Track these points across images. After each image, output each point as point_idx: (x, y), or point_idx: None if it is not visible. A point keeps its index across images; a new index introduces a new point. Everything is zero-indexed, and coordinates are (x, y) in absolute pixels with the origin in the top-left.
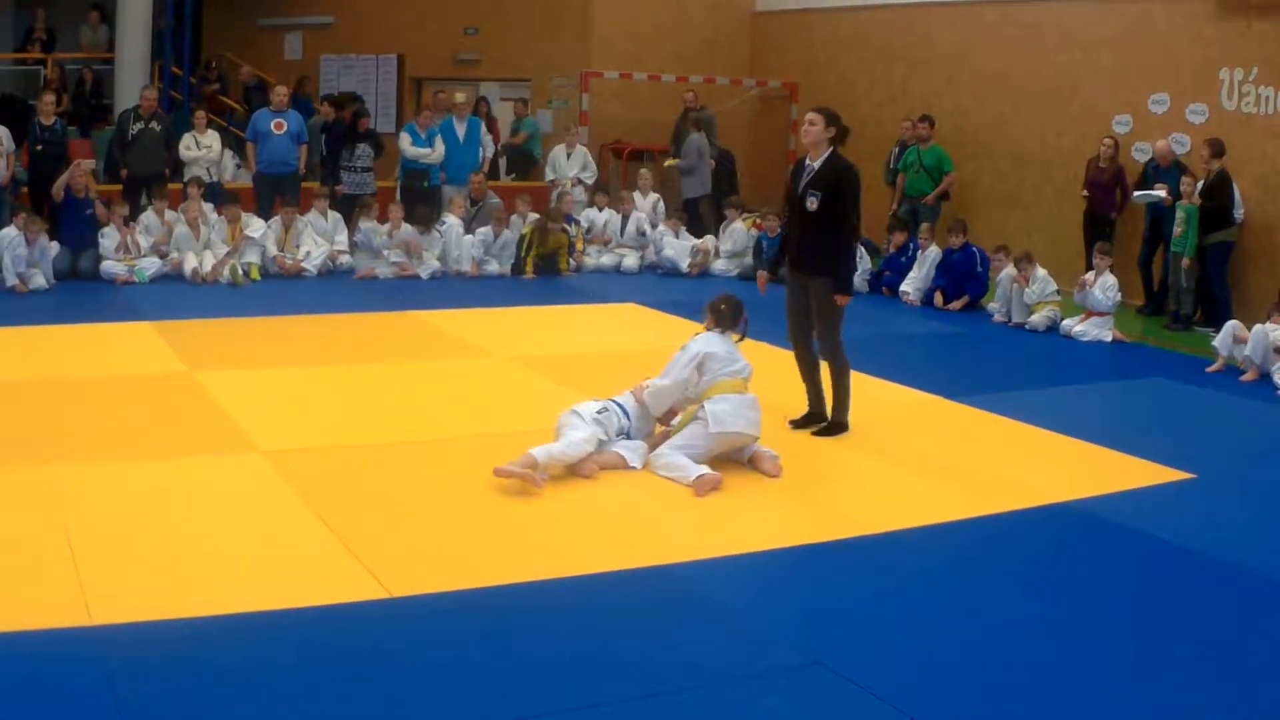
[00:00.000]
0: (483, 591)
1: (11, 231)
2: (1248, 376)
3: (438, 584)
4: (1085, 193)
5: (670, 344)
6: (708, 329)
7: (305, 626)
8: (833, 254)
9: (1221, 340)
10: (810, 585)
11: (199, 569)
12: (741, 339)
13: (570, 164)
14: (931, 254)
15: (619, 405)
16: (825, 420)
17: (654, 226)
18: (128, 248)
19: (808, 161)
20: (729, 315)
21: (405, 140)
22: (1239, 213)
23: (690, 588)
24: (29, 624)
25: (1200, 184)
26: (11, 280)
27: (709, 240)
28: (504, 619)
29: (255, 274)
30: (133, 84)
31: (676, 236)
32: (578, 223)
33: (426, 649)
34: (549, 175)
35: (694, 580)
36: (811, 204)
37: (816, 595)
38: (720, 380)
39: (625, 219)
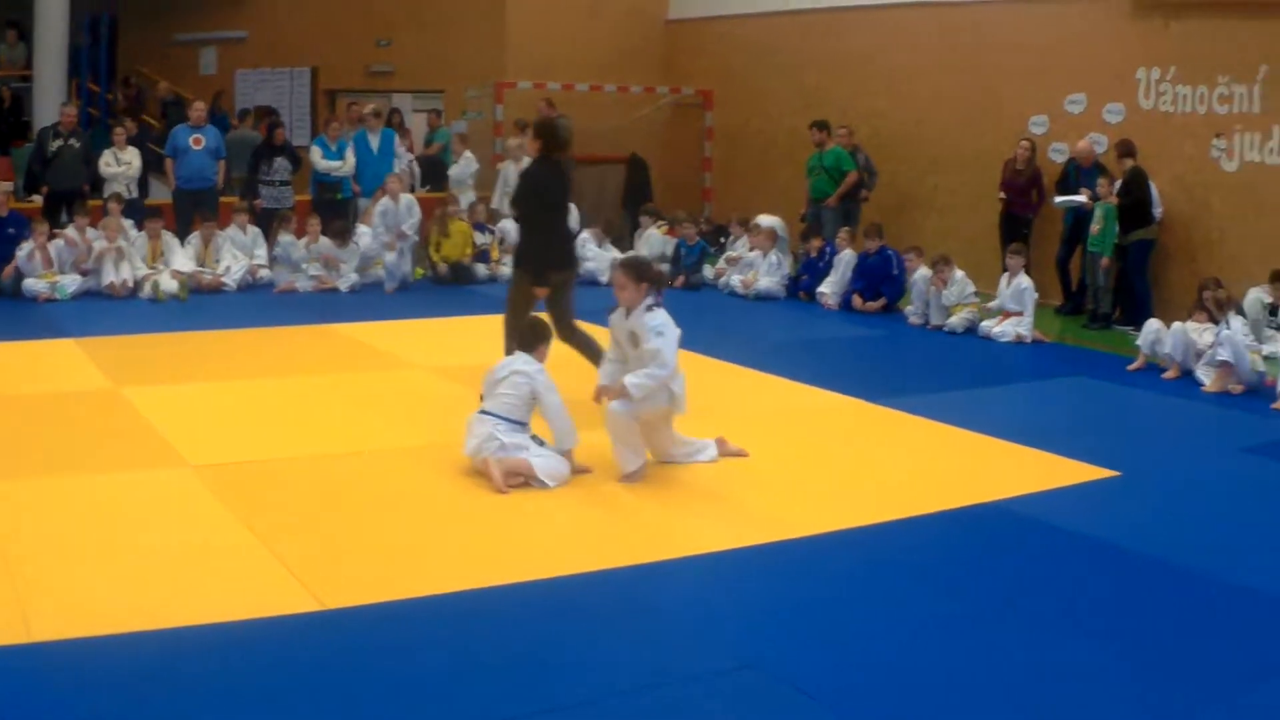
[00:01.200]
0: (415, 601)
1: None
2: (1169, 374)
3: (370, 595)
4: (1002, 194)
5: None
6: (650, 304)
7: (242, 639)
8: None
9: (1144, 338)
10: (743, 589)
11: (135, 584)
12: None
13: (464, 170)
14: (846, 257)
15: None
16: None
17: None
18: (50, 263)
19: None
20: (660, 278)
21: (316, 153)
22: (1158, 211)
23: (624, 593)
24: None
25: (1117, 184)
26: None
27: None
28: (437, 628)
29: (184, 295)
30: (51, 101)
31: (599, 247)
32: (492, 231)
33: (361, 659)
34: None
35: (628, 585)
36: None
37: (750, 599)
38: None
39: None
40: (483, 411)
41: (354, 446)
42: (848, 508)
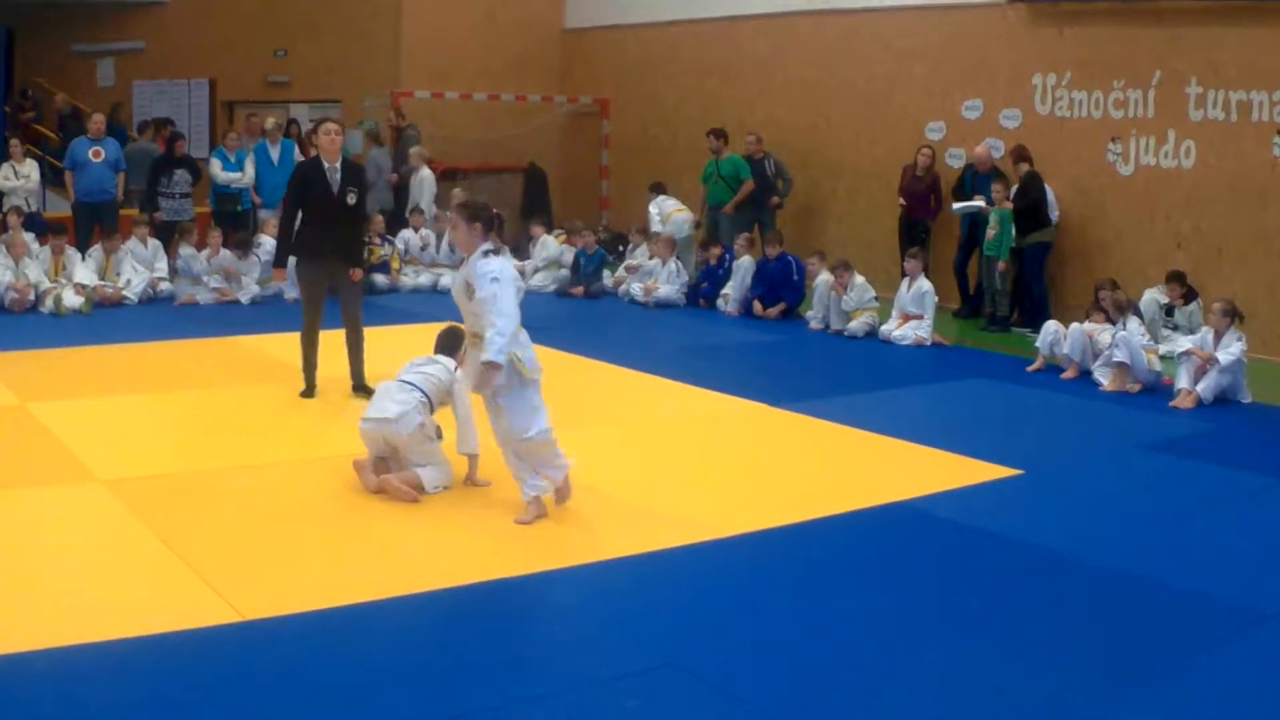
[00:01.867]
0: (334, 611)
1: None
2: (1068, 374)
3: (289, 605)
4: (901, 200)
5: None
6: (486, 249)
7: (161, 653)
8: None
9: (1043, 339)
10: (658, 591)
11: (49, 600)
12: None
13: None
14: (745, 263)
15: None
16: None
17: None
18: None
19: (328, 164)
20: (497, 219)
21: (215, 165)
22: (1055, 214)
23: (539, 598)
24: None
25: (1013, 189)
26: None
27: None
28: (356, 636)
29: (87, 309)
30: None
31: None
32: (392, 242)
33: (283, 670)
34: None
35: (542, 590)
36: (351, 199)
37: (665, 600)
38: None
39: (440, 237)
40: (404, 380)
41: (263, 459)
42: (758, 510)
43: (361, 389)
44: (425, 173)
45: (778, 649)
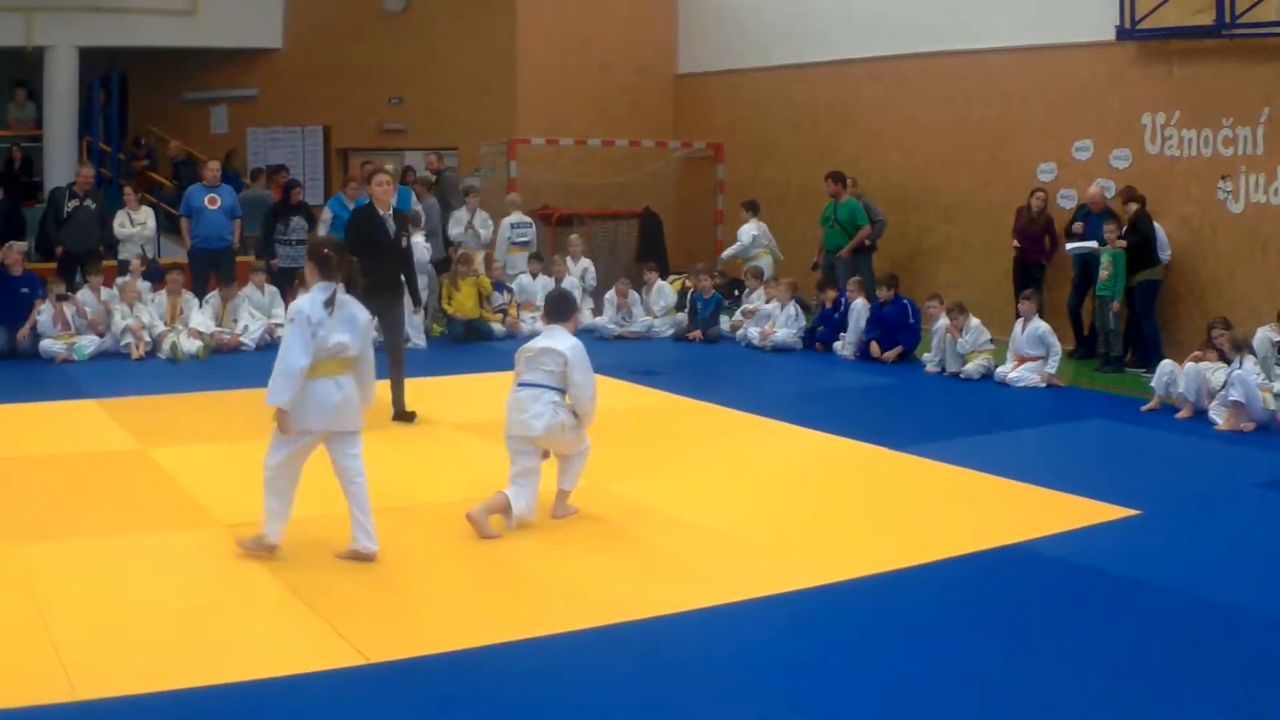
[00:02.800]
0: (463, 654)
1: None
2: (1182, 414)
3: (416, 648)
4: (1016, 243)
5: (613, 405)
6: (319, 288)
7: (288, 696)
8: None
9: (1158, 379)
10: (777, 634)
11: (177, 642)
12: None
13: (478, 222)
14: (859, 306)
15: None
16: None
17: (585, 292)
18: (67, 323)
19: (383, 211)
20: (334, 263)
21: (326, 213)
22: (1165, 254)
23: (661, 642)
24: (12, 701)
25: (1123, 228)
26: None
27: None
28: (487, 680)
29: (204, 355)
30: (61, 161)
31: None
32: (510, 290)
33: (412, 714)
34: (451, 231)
35: (664, 634)
36: (404, 242)
37: (785, 644)
38: (320, 357)
39: (558, 282)
40: (530, 385)
41: (382, 503)
42: (877, 553)
43: (401, 416)
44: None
45: (900, 692)
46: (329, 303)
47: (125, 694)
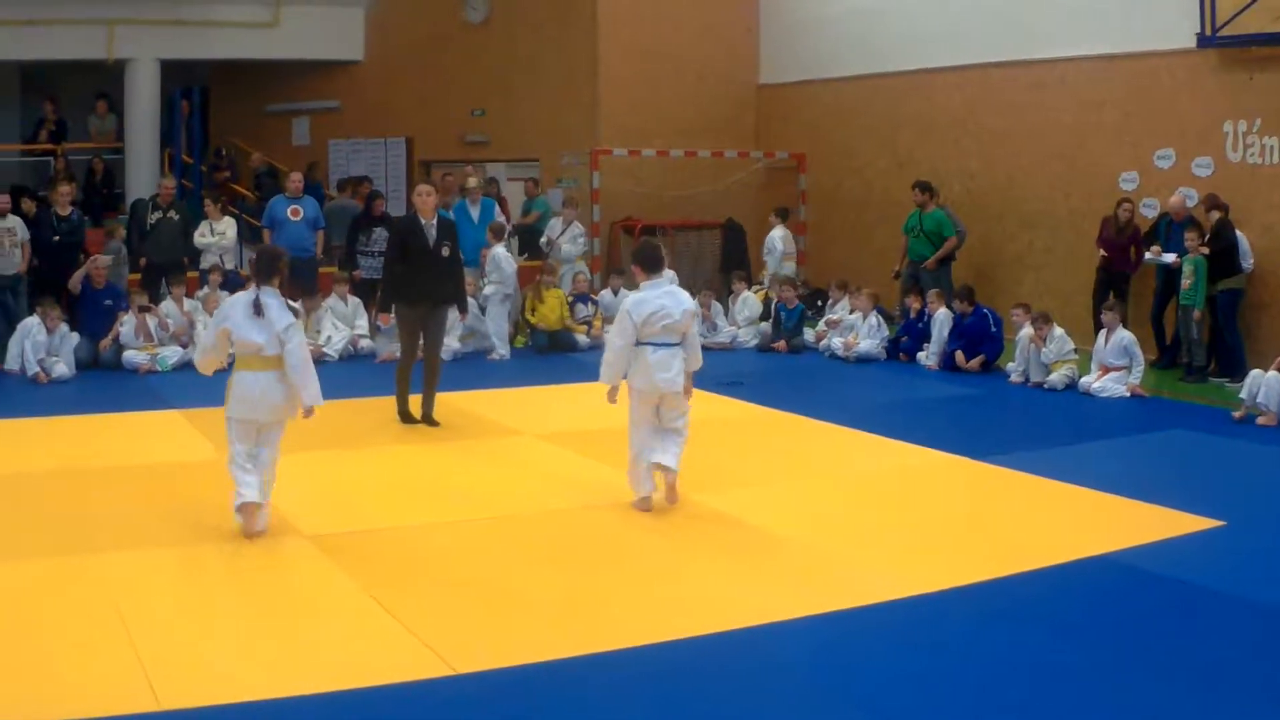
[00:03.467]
0: (549, 665)
1: (33, 320)
2: (1263, 421)
3: (502, 659)
4: (1104, 252)
5: (698, 416)
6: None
7: (375, 706)
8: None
9: (1247, 388)
10: (865, 646)
11: (260, 652)
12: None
13: (565, 238)
14: (941, 317)
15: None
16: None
17: None
18: (149, 334)
19: (425, 222)
20: (263, 267)
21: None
22: (1248, 262)
23: (749, 653)
24: (97, 711)
25: (1206, 236)
26: (33, 369)
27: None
28: (571, 691)
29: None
30: (143, 173)
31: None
32: (595, 302)
33: None
34: (543, 240)
35: (751, 645)
36: (445, 251)
37: (873, 655)
38: (241, 354)
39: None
40: (664, 344)
41: (467, 514)
42: (962, 564)
43: (428, 420)
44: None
45: (985, 704)
46: (254, 304)
47: (209, 704)
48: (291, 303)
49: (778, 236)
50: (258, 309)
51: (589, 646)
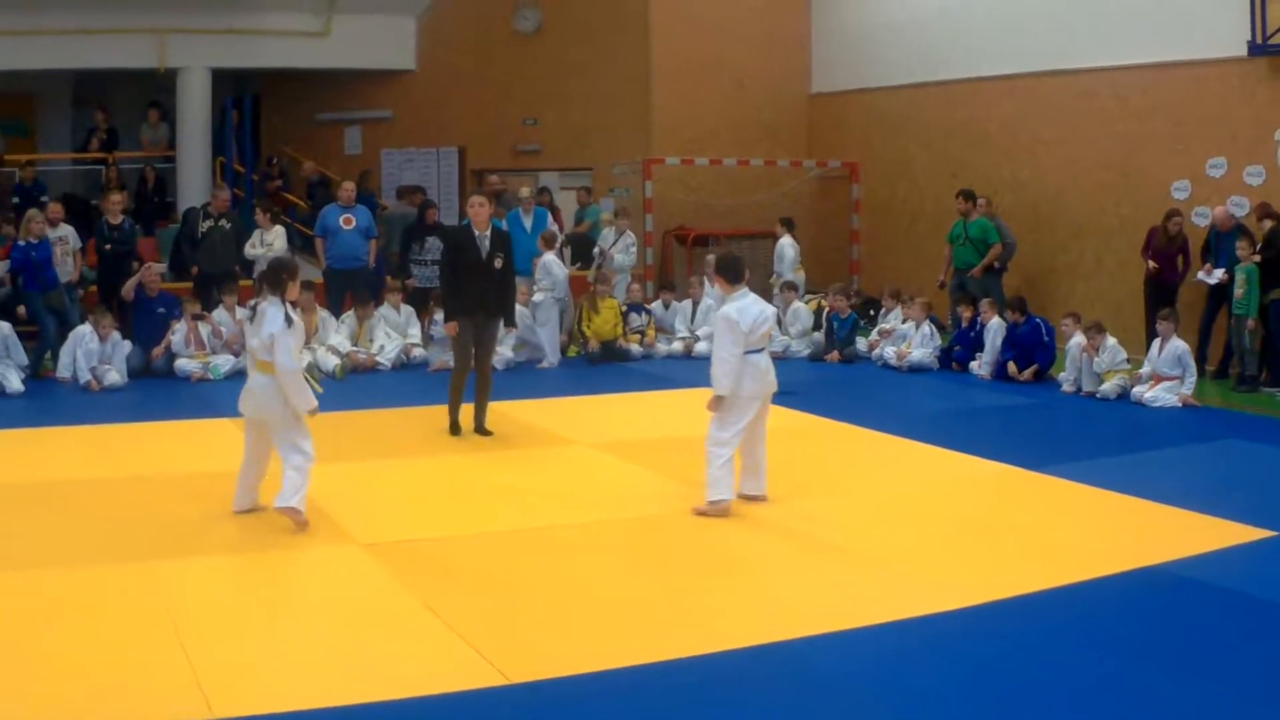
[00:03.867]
0: (600, 675)
1: (85, 329)
2: None
3: (556, 669)
4: (1153, 263)
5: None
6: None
7: (428, 715)
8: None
9: None
10: (918, 658)
11: (313, 660)
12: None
13: (618, 248)
14: (995, 325)
15: None
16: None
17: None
18: (201, 342)
19: (478, 233)
20: (269, 279)
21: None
22: None
23: (802, 664)
24: (149, 718)
25: (1258, 245)
26: (85, 377)
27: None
28: (624, 702)
29: (341, 374)
30: (194, 181)
31: (666, 308)
32: (648, 311)
33: None
34: (595, 250)
35: (804, 657)
36: (498, 263)
37: (925, 667)
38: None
39: (695, 305)
40: (760, 350)
41: (521, 524)
42: (1014, 574)
43: (481, 430)
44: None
45: (1040, 716)
46: (251, 311)
47: (261, 712)
48: (291, 313)
49: (787, 244)
50: (253, 316)
51: (643, 656)
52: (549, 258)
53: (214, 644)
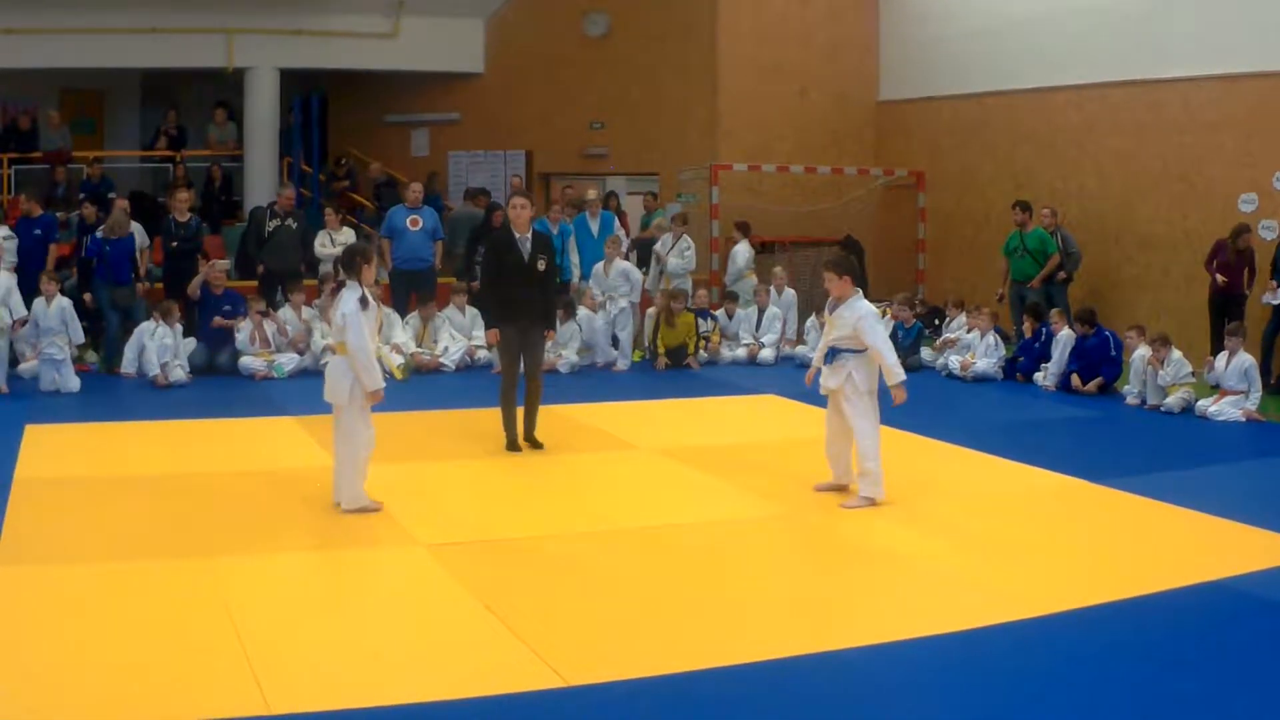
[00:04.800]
0: (657, 679)
1: (150, 325)
2: None
3: (614, 672)
4: (1222, 277)
5: (813, 434)
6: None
7: (485, 716)
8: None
9: None
10: (975, 669)
11: (371, 659)
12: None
13: (674, 253)
14: (1064, 337)
15: None
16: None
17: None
18: (267, 341)
19: (519, 236)
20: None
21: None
22: None
23: (858, 673)
24: (206, 713)
25: None
26: (154, 370)
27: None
28: (680, 706)
29: (403, 375)
30: (261, 180)
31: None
32: (714, 318)
33: None
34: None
35: (859, 666)
36: (541, 265)
37: (983, 678)
38: None
39: (761, 311)
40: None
41: (584, 527)
42: (1076, 587)
43: (530, 440)
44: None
45: None
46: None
47: (318, 709)
48: (367, 295)
49: (741, 249)
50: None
51: (701, 662)
52: (622, 263)
53: (272, 640)
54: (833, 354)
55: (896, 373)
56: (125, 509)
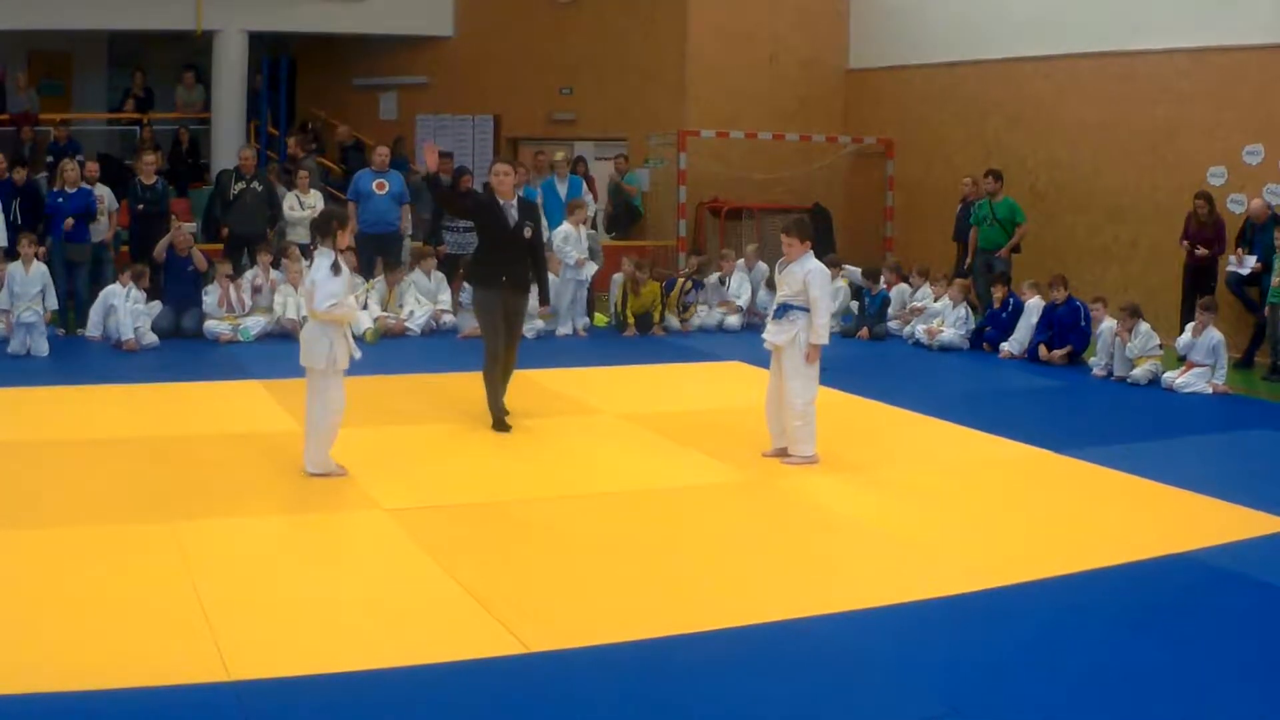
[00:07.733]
0: (622, 646)
1: (116, 287)
2: None
3: (576, 639)
4: (1200, 249)
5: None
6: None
7: (446, 682)
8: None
9: None
10: (937, 637)
11: (332, 624)
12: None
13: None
14: (1034, 305)
15: None
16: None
17: (755, 292)
18: (231, 305)
19: (504, 202)
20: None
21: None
22: None
23: (821, 641)
24: (167, 679)
25: None
26: (126, 335)
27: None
28: (645, 674)
29: (372, 338)
30: (229, 144)
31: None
32: (702, 285)
33: (568, 704)
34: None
35: (823, 633)
36: (528, 233)
37: (944, 647)
38: None
39: (726, 278)
40: (788, 305)
41: (546, 492)
42: (1038, 557)
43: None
44: None
45: (1062, 698)
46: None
47: (279, 675)
48: (339, 260)
49: (560, 232)
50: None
51: (664, 629)
52: (586, 230)
53: (233, 606)
54: (783, 310)
55: (821, 334)
56: (86, 473)
